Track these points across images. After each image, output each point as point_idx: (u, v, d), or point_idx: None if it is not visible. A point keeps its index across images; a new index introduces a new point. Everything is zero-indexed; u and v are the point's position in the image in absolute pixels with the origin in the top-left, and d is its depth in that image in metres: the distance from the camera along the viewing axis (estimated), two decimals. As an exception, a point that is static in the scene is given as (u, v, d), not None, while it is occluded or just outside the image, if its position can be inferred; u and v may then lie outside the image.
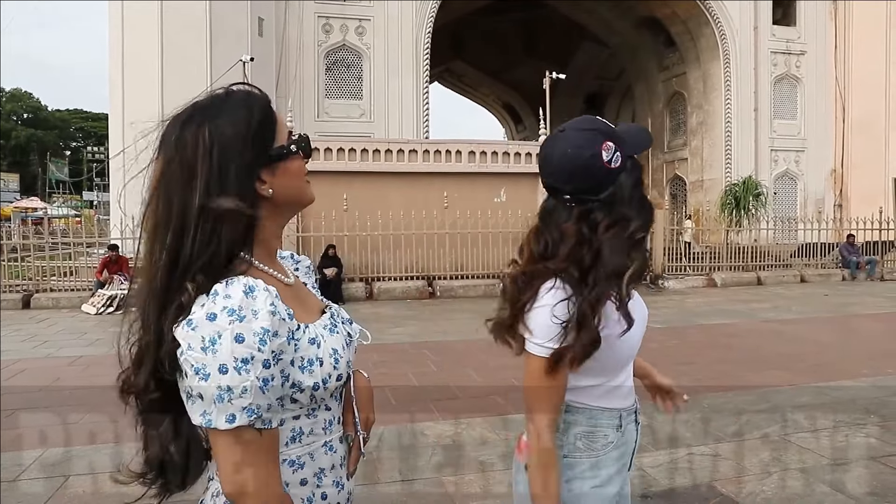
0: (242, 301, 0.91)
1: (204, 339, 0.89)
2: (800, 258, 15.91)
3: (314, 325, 1.06)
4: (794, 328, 8.58)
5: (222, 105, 1.04)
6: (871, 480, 3.45)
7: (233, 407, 0.89)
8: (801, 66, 23.88)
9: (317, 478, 1.06)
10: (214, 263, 0.96)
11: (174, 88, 15.77)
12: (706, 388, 5.38)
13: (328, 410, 1.09)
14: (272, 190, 1.04)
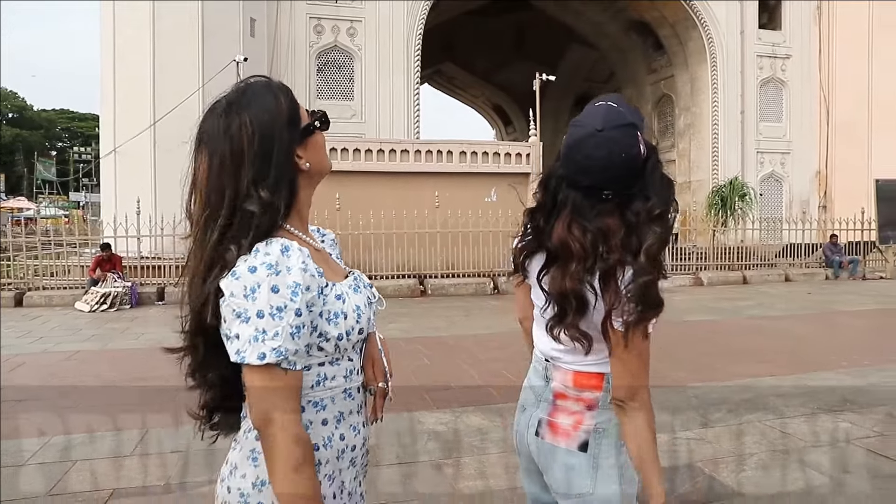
0: (279, 258, 1.06)
1: (245, 288, 1.04)
2: (784, 258, 16.18)
3: (340, 283, 1.20)
4: (778, 324, 8.80)
5: (251, 95, 1.17)
6: (846, 461, 3.63)
7: (265, 346, 1.03)
8: (787, 69, 24.22)
9: (336, 420, 1.20)
10: (258, 234, 1.10)
11: (166, 88, 15.81)
12: (692, 378, 5.56)
13: (350, 361, 1.23)
14: (307, 163, 1.19)
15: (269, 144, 1.13)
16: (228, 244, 1.09)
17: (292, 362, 1.07)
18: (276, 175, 1.13)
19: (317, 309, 1.12)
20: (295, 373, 1.08)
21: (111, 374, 6.12)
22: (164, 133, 15.75)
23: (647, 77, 27.33)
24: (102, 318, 9.79)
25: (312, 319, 1.11)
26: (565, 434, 1.50)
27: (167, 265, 12.38)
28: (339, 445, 1.20)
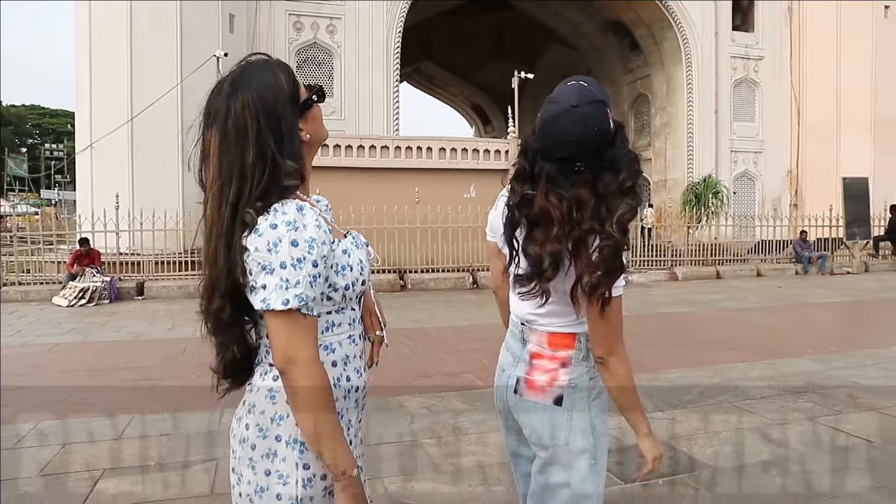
0: (296, 216, 1.20)
1: (269, 243, 1.18)
2: (757, 254, 16.55)
3: (344, 240, 1.34)
4: (748, 316, 9.07)
5: (252, 73, 1.30)
6: (808, 437, 3.83)
7: (288, 294, 1.17)
8: (759, 70, 24.70)
9: (343, 363, 1.34)
10: (270, 196, 1.23)
11: (143, 83, 15.71)
12: (665, 366, 5.76)
13: (353, 311, 1.38)
14: (308, 135, 1.33)
15: (275, 120, 1.26)
16: (247, 207, 1.21)
17: (311, 308, 1.21)
18: (282, 146, 1.26)
19: (329, 262, 1.25)
20: (312, 318, 1.22)
21: (95, 364, 6.16)
22: (141, 128, 15.69)
23: (624, 77, 27.68)
24: (81, 312, 9.75)
25: (327, 272, 1.25)
26: (541, 390, 1.65)
27: (146, 261, 12.36)
28: (346, 385, 1.34)
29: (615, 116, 1.56)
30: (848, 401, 4.54)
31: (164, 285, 11.52)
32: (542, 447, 1.67)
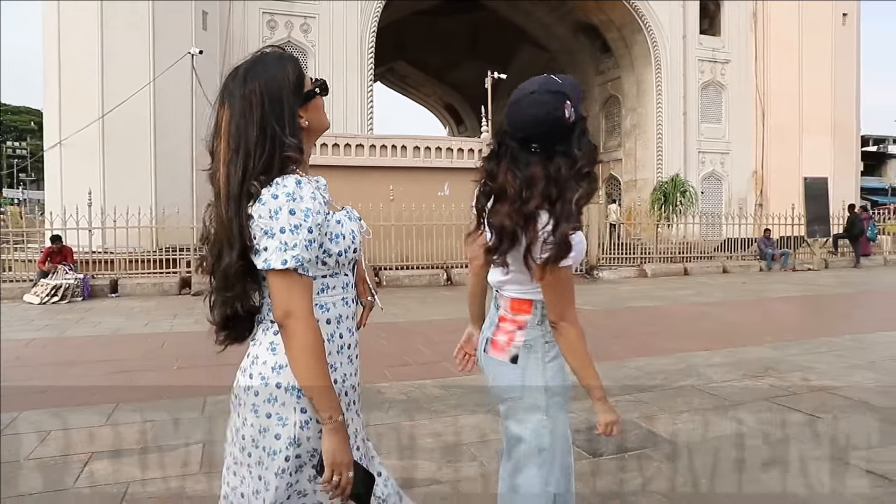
0: (294, 188, 1.38)
1: (270, 211, 1.35)
2: (723, 252, 17.00)
3: (339, 213, 1.51)
4: (713, 309, 9.39)
5: (264, 64, 1.48)
6: (763, 414, 4.08)
7: (286, 255, 1.35)
8: (726, 73, 25.30)
9: (337, 322, 1.52)
10: (272, 170, 1.40)
11: (114, 80, 15.58)
12: (633, 354, 6.00)
13: (346, 276, 1.54)
14: (308, 122, 1.49)
15: (278, 105, 1.44)
16: (252, 179, 1.39)
17: (307, 269, 1.38)
18: (284, 128, 1.43)
19: (323, 229, 1.43)
20: (308, 278, 1.39)
21: (73, 358, 6.20)
22: (113, 126, 15.57)
23: (596, 78, 28.10)
24: (54, 309, 9.72)
25: (321, 239, 1.42)
26: (501, 349, 1.85)
27: (119, 259, 12.29)
28: (339, 342, 1.52)
29: (584, 113, 1.75)
30: (802, 382, 4.82)
31: (139, 282, 11.50)
32: (500, 401, 1.88)
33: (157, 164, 16.05)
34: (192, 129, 16.58)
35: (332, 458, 1.38)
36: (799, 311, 9.46)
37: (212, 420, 4.09)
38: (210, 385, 4.89)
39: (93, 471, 3.27)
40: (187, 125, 16.60)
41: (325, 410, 1.38)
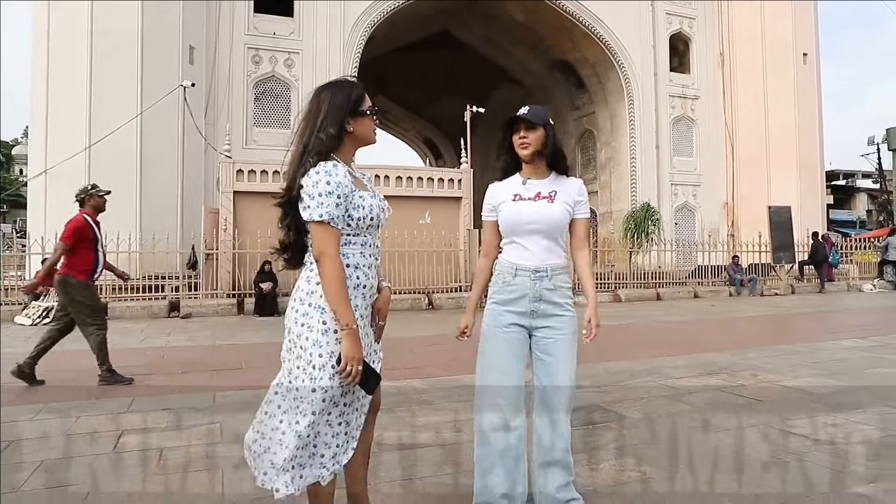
0: (330, 169, 1.95)
1: (313, 182, 1.92)
2: (695, 279, 17.66)
3: (364, 191, 2.06)
4: (681, 326, 9.95)
5: (338, 85, 2.13)
6: (712, 400, 4.58)
7: (321, 210, 1.94)
8: (696, 109, 26.38)
9: (355, 267, 2.08)
10: (321, 153, 1.97)
11: (102, 110, 16.00)
12: (602, 359, 6.48)
13: (365, 237, 2.11)
14: (352, 129, 2.08)
15: (334, 112, 2.06)
16: (307, 159, 1.99)
17: (336, 223, 1.96)
18: (333, 129, 2.04)
19: (348, 200, 1.99)
20: (336, 230, 1.98)
21: (83, 366, 6.54)
22: (100, 155, 15.89)
23: (571, 113, 29.06)
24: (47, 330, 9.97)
25: (346, 205, 1.98)
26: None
27: (105, 284, 12.53)
28: (355, 282, 2.06)
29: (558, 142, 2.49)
30: (750, 377, 5.34)
31: (129, 305, 11.81)
32: None
33: (143, 194, 16.40)
34: (180, 158, 17.06)
35: (346, 354, 1.94)
36: (760, 326, 10.03)
37: (224, 407, 4.52)
38: (216, 385, 5.30)
39: (125, 441, 3.69)
40: (173, 155, 17.07)
41: (343, 320, 1.95)
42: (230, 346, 8.12)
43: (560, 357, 2.41)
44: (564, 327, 2.44)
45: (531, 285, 2.42)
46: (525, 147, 2.46)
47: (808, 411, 4.20)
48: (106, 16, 16.16)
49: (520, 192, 2.48)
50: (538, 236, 2.43)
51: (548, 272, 2.42)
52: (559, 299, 2.44)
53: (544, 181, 2.50)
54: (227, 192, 12.89)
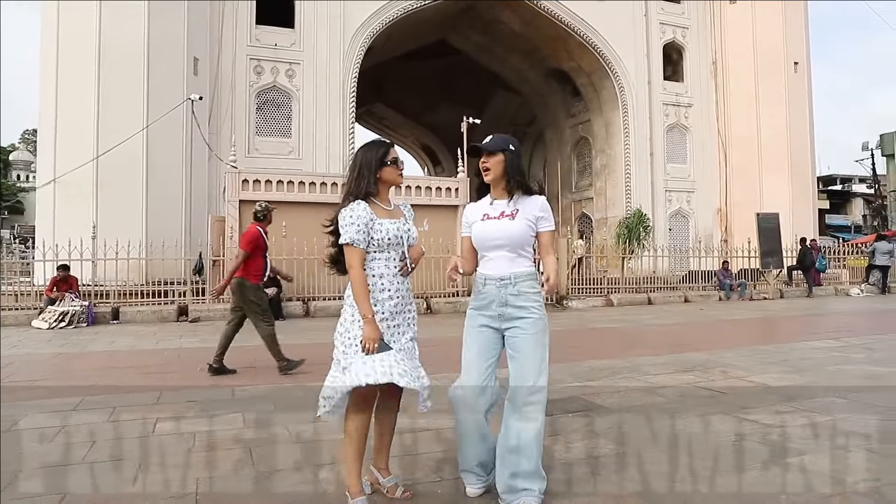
0: (353, 206, 2.59)
1: (345, 215, 2.54)
2: (687, 283, 18.17)
3: (384, 219, 2.66)
4: (668, 328, 10.46)
5: (370, 145, 2.77)
6: (682, 393, 5.08)
7: (346, 236, 2.54)
8: (689, 116, 26.94)
9: (379, 276, 2.68)
10: (357, 195, 2.57)
11: (109, 120, 16.54)
12: (589, 358, 6.99)
13: (387, 254, 2.71)
14: (381, 176, 2.70)
15: (367, 167, 2.71)
16: (347, 199, 2.64)
17: (358, 244, 2.57)
18: (365, 178, 2.69)
19: (369, 226, 2.61)
20: (361, 250, 2.59)
21: (103, 365, 7.04)
22: (107, 164, 16.39)
23: (567, 121, 29.61)
24: (64, 333, 10.47)
25: (369, 231, 2.61)
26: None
27: (114, 290, 13.00)
28: (380, 287, 2.68)
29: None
30: (721, 373, 5.85)
31: (139, 310, 12.30)
32: None
33: (149, 202, 16.91)
34: (187, 167, 17.56)
35: (365, 335, 2.60)
36: (742, 329, 10.54)
37: (243, 401, 5.02)
38: (234, 384, 5.79)
39: (162, 428, 4.19)
40: (178, 164, 17.59)
41: (362, 311, 2.62)
42: (241, 347, 8.53)
43: (526, 352, 2.80)
44: (530, 327, 2.81)
45: (497, 292, 2.85)
46: (486, 173, 2.91)
47: (764, 402, 4.70)
48: (113, 29, 16.71)
49: (488, 212, 2.91)
50: (502, 250, 2.85)
51: (512, 280, 2.82)
52: (524, 303, 2.82)
53: (508, 201, 2.90)
54: (233, 201, 13.39)
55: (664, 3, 26.62)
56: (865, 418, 4.20)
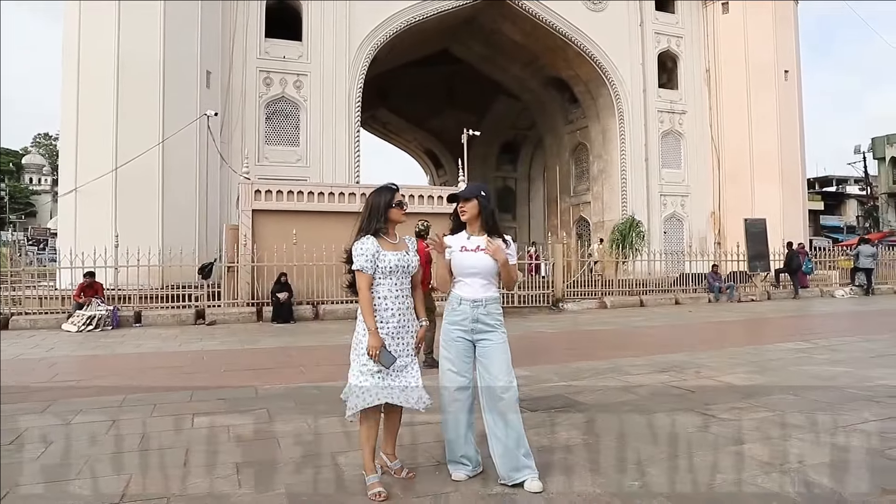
0: (363, 240, 3.32)
1: (356, 247, 3.29)
2: (679, 286, 18.89)
3: (387, 251, 3.35)
4: (655, 331, 11.19)
5: (379, 190, 3.47)
6: (655, 391, 5.81)
7: (356, 263, 3.29)
8: (684, 123, 27.65)
9: (384, 298, 3.38)
10: (367, 231, 3.28)
11: (127, 134, 17.25)
12: (575, 360, 7.72)
13: (390, 279, 3.39)
14: (389, 216, 3.41)
15: (376, 209, 3.40)
16: (358, 235, 3.33)
17: (366, 270, 3.28)
18: (375, 218, 3.38)
19: (375, 257, 3.32)
20: (369, 275, 3.30)
21: (135, 366, 7.78)
22: (125, 174, 17.14)
23: (565, 127, 30.31)
24: (92, 336, 11.20)
25: (375, 260, 3.30)
26: None
27: (133, 294, 13.78)
28: (384, 307, 3.37)
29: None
30: (691, 373, 6.59)
31: (160, 314, 13.05)
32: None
33: (165, 210, 17.65)
34: (204, 177, 18.32)
35: (369, 344, 3.29)
36: (723, 331, 11.26)
37: (267, 398, 5.75)
38: (257, 384, 6.52)
39: (199, 422, 4.92)
40: (193, 173, 18.34)
41: (367, 324, 3.32)
42: (257, 349, 9.36)
43: (495, 358, 3.51)
44: (497, 338, 3.55)
45: (471, 311, 3.56)
46: (463, 214, 3.62)
47: (725, 400, 5.43)
48: (131, 45, 17.43)
49: (465, 245, 3.59)
50: (476, 277, 3.57)
51: (483, 302, 3.56)
52: (491, 321, 3.55)
53: (482, 237, 3.59)
54: (247, 210, 14.15)
55: (659, 13, 27.33)
56: (805, 413, 4.93)
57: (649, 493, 3.32)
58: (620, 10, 26.28)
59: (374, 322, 3.31)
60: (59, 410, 5.36)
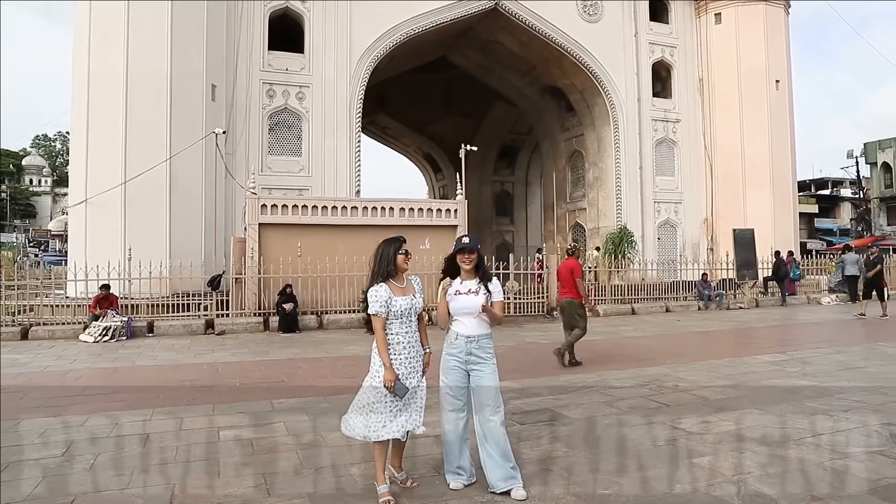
0: (376, 287, 3.93)
1: (371, 295, 3.91)
2: (670, 293, 19.51)
3: (397, 297, 3.95)
4: (642, 342, 11.80)
5: (388, 241, 4.11)
6: (634, 405, 6.42)
7: (371, 308, 3.91)
8: (677, 131, 28.27)
9: (396, 335, 3.99)
10: (378, 277, 3.90)
11: (135, 147, 17.83)
12: (565, 374, 8.33)
13: (401, 321, 4.00)
14: (397, 263, 4.02)
15: (385, 258, 4.01)
16: (371, 282, 3.95)
17: (380, 313, 3.89)
18: (385, 265, 3.97)
19: (388, 302, 3.92)
20: (383, 318, 3.91)
21: (155, 379, 8.38)
22: (133, 186, 17.72)
23: (562, 134, 30.93)
24: (109, 346, 11.78)
25: (388, 305, 3.91)
26: None
27: (144, 304, 14.39)
28: (396, 346, 3.98)
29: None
30: (672, 386, 7.21)
31: (171, 324, 13.65)
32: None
33: (172, 222, 18.23)
34: (211, 189, 18.92)
35: (385, 377, 3.86)
36: (707, 341, 11.88)
37: (282, 412, 6.36)
38: (269, 397, 7.13)
39: (224, 435, 5.53)
40: (199, 185, 18.93)
41: (383, 360, 3.89)
42: (268, 361, 9.95)
43: (485, 386, 4.15)
44: (488, 369, 4.18)
45: (466, 345, 4.21)
46: (468, 264, 4.23)
47: (697, 413, 6.04)
48: (139, 60, 18.02)
49: (459, 289, 4.23)
50: (470, 316, 4.21)
51: (476, 338, 4.20)
52: (483, 354, 4.19)
53: (474, 281, 4.24)
54: (253, 224, 14.75)
55: (653, 24, 27.95)
56: (765, 427, 5.54)
57: (619, 498, 3.94)
58: (615, 21, 26.91)
59: (389, 358, 3.87)
60: (96, 424, 5.95)
